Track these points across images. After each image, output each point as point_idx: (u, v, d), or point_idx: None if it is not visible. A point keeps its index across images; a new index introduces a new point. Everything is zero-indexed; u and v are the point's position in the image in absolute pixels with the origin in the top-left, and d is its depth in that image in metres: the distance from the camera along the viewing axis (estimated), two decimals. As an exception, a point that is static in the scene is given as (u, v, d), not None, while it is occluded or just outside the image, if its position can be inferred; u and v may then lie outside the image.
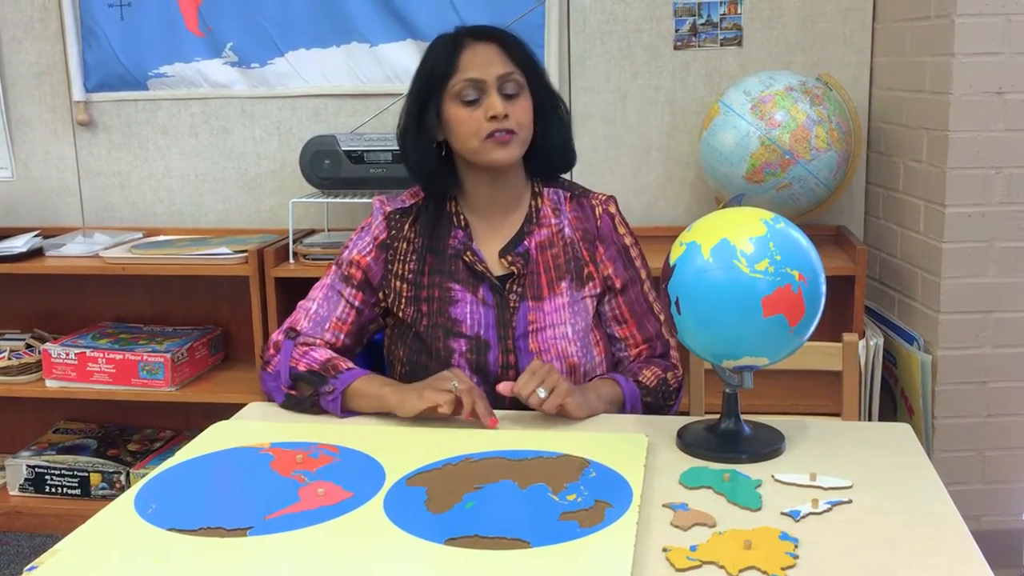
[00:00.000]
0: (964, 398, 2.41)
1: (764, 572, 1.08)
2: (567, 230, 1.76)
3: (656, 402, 1.71)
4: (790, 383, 2.38)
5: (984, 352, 2.39)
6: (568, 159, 1.81)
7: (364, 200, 2.77)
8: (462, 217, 1.76)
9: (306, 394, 1.64)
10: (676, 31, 2.84)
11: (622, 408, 1.67)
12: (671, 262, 1.39)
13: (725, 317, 1.34)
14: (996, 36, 2.25)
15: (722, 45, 2.83)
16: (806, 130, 2.47)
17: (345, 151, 2.74)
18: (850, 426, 1.75)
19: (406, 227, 1.76)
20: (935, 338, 2.39)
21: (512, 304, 1.70)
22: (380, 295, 1.76)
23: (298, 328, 1.72)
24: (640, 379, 1.70)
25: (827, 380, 2.01)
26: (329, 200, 2.82)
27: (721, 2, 2.81)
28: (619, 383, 1.68)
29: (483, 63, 1.65)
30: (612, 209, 1.78)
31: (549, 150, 1.75)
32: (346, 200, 2.80)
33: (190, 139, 3.08)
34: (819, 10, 2.79)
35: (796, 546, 1.14)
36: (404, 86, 2.89)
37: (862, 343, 2.38)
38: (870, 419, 2.47)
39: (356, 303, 1.75)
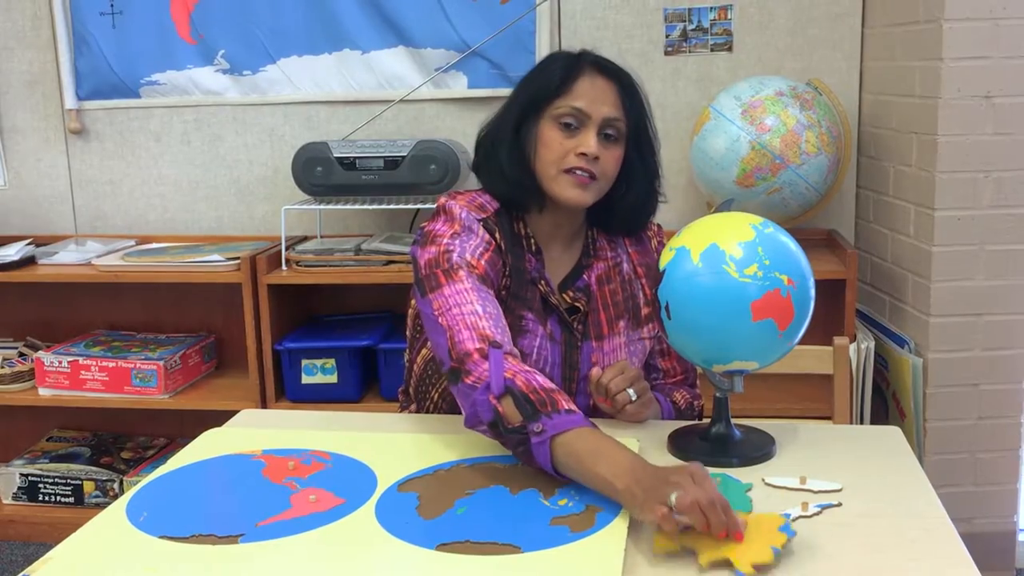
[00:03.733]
0: (955, 401, 2.42)
1: (735, 565, 1.08)
2: (625, 265, 1.69)
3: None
4: (781, 387, 2.38)
5: (975, 355, 2.40)
6: (631, 225, 1.70)
7: (356, 207, 2.78)
8: (532, 241, 1.63)
9: (514, 422, 1.33)
10: (667, 37, 2.85)
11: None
12: (661, 267, 1.40)
13: (714, 322, 1.34)
14: (984, 40, 2.26)
15: (712, 51, 2.84)
16: (796, 135, 2.48)
17: (337, 158, 2.74)
18: (840, 429, 1.76)
19: (497, 236, 1.59)
20: (926, 341, 2.40)
21: (577, 343, 1.63)
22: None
23: (492, 336, 1.43)
24: (674, 400, 1.72)
25: (818, 383, 2.01)
26: (322, 207, 2.82)
27: (711, 8, 2.82)
28: (659, 401, 1.68)
29: (597, 98, 1.56)
30: (664, 239, 1.72)
31: (617, 206, 1.65)
32: (338, 207, 2.80)
33: (182, 147, 3.08)
34: (809, 16, 2.80)
35: (789, 538, 1.14)
36: (396, 93, 2.97)
37: (853, 346, 2.39)
38: (862, 422, 2.48)
39: (497, 302, 1.53)
